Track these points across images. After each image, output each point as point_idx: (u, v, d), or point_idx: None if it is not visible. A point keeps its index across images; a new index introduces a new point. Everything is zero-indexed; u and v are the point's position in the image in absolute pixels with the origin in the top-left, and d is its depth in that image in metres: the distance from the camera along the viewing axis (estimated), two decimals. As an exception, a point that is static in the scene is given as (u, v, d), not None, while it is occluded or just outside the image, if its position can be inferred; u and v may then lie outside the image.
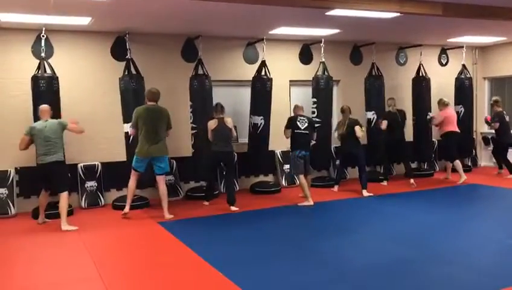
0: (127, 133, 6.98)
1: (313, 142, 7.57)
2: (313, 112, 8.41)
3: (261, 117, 8.04)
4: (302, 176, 7.11)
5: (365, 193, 7.68)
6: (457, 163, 8.63)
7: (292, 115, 7.43)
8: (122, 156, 7.23)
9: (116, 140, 7.29)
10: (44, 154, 5.88)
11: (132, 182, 6.46)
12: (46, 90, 6.59)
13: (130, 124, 6.62)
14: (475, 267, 4.33)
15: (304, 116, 7.29)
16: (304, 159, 7.16)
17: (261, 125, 8.01)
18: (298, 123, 7.15)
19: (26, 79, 6.73)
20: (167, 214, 6.41)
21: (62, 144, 6.07)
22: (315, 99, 8.44)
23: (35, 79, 6.64)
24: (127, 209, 6.44)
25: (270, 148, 8.36)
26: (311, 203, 7.07)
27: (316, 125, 7.77)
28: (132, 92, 7.03)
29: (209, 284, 4.08)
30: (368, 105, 9.11)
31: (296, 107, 7.42)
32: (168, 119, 6.49)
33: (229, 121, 6.86)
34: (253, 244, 5.20)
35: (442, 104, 8.74)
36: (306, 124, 7.17)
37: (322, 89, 8.41)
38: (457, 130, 8.67)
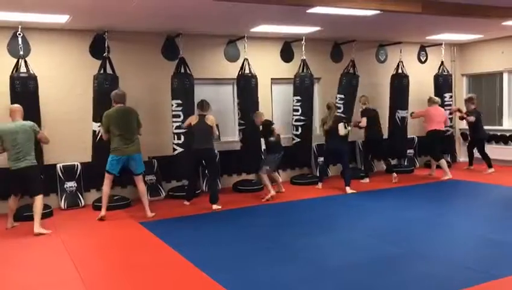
0: (94, 132, 6.97)
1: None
2: (297, 110, 8.43)
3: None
4: (266, 175, 7.35)
5: (348, 190, 7.71)
6: (442, 161, 8.72)
7: (264, 120, 7.48)
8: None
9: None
10: (14, 160, 5.69)
11: (106, 185, 6.34)
12: (24, 89, 6.46)
13: (98, 124, 6.63)
14: (456, 262, 4.37)
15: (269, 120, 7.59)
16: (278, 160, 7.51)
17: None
18: (275, 128, 7.38)
19: (2, 78, 6.58)
20: (149, 213, 6.39)
21: (33, 147, 5.83)
22: (299, 97, 8.46)
23: (13, 78, 6.50)
24: (103, 212, 6.31)
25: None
26: (273, 193, 7.26)
27: (301, 123, 8.16)
28: (105, 91, 6.85)
29: (192, 285, 4.04)
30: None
31: (261, 114, 7.53)
32: (138, 118, 6.46)
33: (210, 119, 6.82)
34: (236, 243, 5.18)
35: (431, 101, 8.81)
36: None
37: (305, 86, 8.45)
38: (441, 128, 8.76)
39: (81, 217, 6.66)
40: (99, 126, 6.75)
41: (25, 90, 6.47)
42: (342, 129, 7.70)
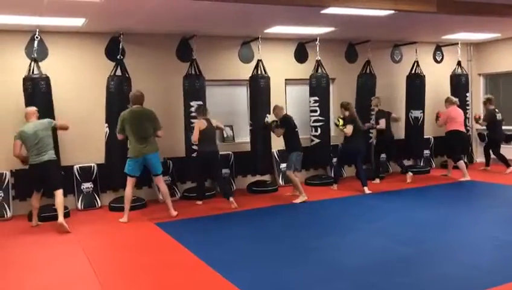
0: (105, 133, 7.09)
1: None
2: (315, 111, 8.43)
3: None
4: (295, 175, 7.20)
5: (366, 190, 7.67)
6: (461, 163, 8.61)
7: (283, 114, 7.39)
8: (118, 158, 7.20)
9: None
10: (37, 154, 5.90)
11: (129, 189, 6.34)
12: (37, 91, 6.59)
13: (106, 124, 6.75)
14: (472, 264, 4.33)
15: (290, 116, 7.43)
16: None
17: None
18: (295, 122, 7.23)
19: (21, 80, 6.71)
20: (173, 212, 6.45)
21: (52, 142, 6.08)
22: (316, 98, 8.44)
23: (26, 80, 6.63)
24: (125, 218, 6.32)
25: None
26: (306, 197, 7.13)
27: (320, 124, 8.17)
28: (117, 93, 7.03)
29: (207, 285, 4.06)
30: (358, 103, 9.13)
31: (279, 108, 7.42)
32: (156, 120, 6.43)
33: (214, 122, 7.04)
34: (251, 244, 5.19)
35: (449, 102, 8.66)
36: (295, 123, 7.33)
37: (323, 87, 8.46)
38: (463, 129, 8.65)
39: (98, 217, 6.73)
40: (107, 127, 6.95)
41: (39, 91, 6.62)
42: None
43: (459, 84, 9.79)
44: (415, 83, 9.34)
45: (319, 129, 8.45)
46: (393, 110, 8.91)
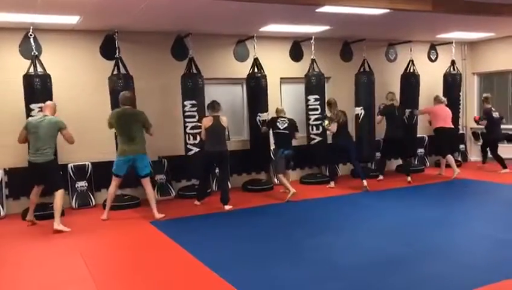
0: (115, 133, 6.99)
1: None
2: (316, 109, 8.46)
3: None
4: (281, 175, 7.31)
5: (365, 183, 7.69)
6: (450, 158, 8.69)
7: (273, 116, 7.60)
8: (112, 156, 7.13)
9: (106, 139, 7.19)
10: (34, 153, 5.86)
11: (112, 187, 6.36)
12: (39, 88, 6.57)
13: None
14: (466, 262, 4.34)
15: (284, 117, 7.49)
16: (286, 158, 7.37)
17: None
18: (278, 124, 7.37)
19: (15, 78, 6.67)
20: (157, 214, 6.32)
21: (54, 143, 6.00)
22: (317, 96, 8.48)
23: (27, 78, 6.60)
24: (105, 215, 6.36)
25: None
26: (294, 190, 7.18)
27: (321, 122, 8.30)
28: (120, 92, 6.94)
29: (202, 284, 4.05)
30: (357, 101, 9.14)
31: (278, 110, 7.63)
32: (144, 119, 6.36)
33: (224, 120, 6.77)
34: (246, 243, 5.18)
35: (438, 100, 8.80)
36: (286, 125, 7.37)
37: (321, 85, 8.54)
38: (449, 125, 8.73)
39: (92, 216, 6.70)
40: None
41: (40, 89, 6.58)
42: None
43: (452, 84, 9.82)
44: (410, 82, 9.37)
45: (320, 127, 8.48)
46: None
